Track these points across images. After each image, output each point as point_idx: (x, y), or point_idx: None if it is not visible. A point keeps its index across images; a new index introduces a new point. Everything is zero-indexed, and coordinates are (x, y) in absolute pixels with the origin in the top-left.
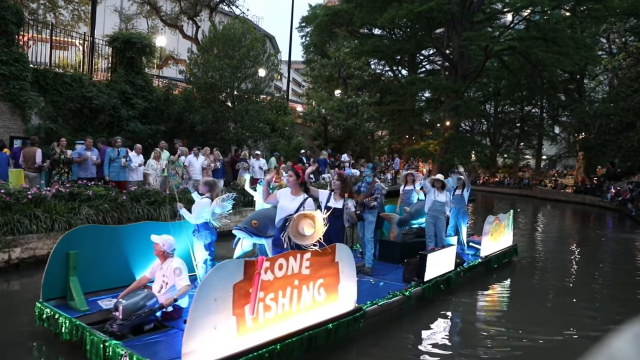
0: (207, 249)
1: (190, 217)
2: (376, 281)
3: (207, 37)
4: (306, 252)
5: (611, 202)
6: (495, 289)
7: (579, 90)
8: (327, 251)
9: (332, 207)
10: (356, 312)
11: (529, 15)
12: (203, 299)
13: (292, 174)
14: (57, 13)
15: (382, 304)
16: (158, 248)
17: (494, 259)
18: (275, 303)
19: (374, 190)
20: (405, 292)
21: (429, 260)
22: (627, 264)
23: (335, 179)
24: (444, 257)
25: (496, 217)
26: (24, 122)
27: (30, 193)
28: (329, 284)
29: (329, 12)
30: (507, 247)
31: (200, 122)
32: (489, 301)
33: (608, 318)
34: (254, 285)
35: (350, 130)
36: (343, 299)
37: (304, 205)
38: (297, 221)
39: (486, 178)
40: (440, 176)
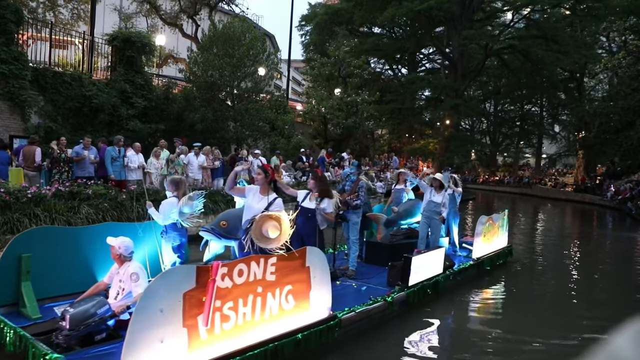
0: (176, 252)
1: (158, 218)
2: (359, 285)
3: (206, 35)
4: (271, 256)
5: (611, 200)
6: (487, 293)
7: (579, 89)
8: (296, 255)
9: (304, 207)
10: (330, 321)
11: (528, 14)
12: (145, 309)
13: (260, 172)
14: (56, 12)
15: (360, 311)
16: (114, 251)
17: (487, 261)
18: (234, 312)
19: (358, 189)
20: (387, 297)
21: (414, 263)
22: (627, 264)
23: (310, 179)
24: (432, 260)
25: (489, 217)
26: (24, 121)
27: (29, 192)
28: (298, 290)
29: (328, 11)
30: (501, 248)
31: (200, 121)
32: (480, 305)
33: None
34: (208, 294)
35: (350, 129)
36: (315, 306)
37: (272, 206)
38: (260, 223)
39: (486, 177)
40: (439, 175)
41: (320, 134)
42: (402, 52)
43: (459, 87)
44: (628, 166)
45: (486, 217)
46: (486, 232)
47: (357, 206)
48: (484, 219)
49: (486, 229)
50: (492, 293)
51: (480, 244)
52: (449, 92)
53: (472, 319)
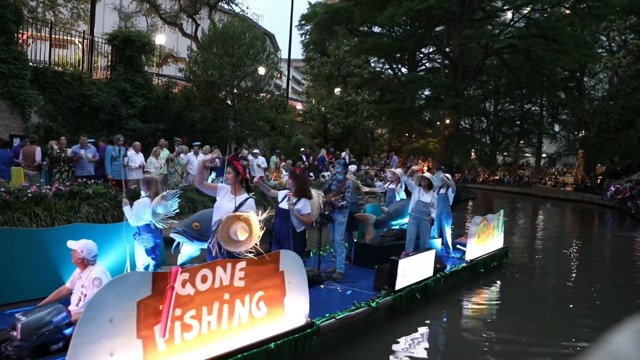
0: (150, 254)
1: (130, 218)
2: (344, 289)
3: (206, 35)
4: (240, 260)
5: (611, 200)
6: (481, 296)
7: (579, 88)
8: (268, 259)
9: (280, 209)
10: (307, 328)
11: (529, 13)
12: (92, 320)
13: (231, 170)
14: (56, 11)
15: (341, 318)
16: (76, 255)
17: (481, 263)
18: (197, 321)
19: (345, 188)
20: (372, 302)
21: (401, 267)
22: (627, 264)
23: (288, 177)
24: (421, 262)
25: (484, 217)
26: (24, 120)
27: (30, 191)
28: (271, 296)
29: (328, 10)
30: (496, 249)
31: (200, 121)
32: (473, 309)
33: (608, 321)
34: (165, 302)
35: (350, 129)
36: (290, 313)
37: (243, 206)
38: (227, 224)
39: (486, 176)
40: (428, 174)
41: (320, 134)
42: (402, 52)
43: (459, 87)
44: (628, 165)
45: (480, 218)
46: (480, 233)
47: (343, 207)
48: (477, 219)
49: (480, 229)
50: (487, 296)
51: (474, 246)
52: (449, 91)
53: (464, 324)
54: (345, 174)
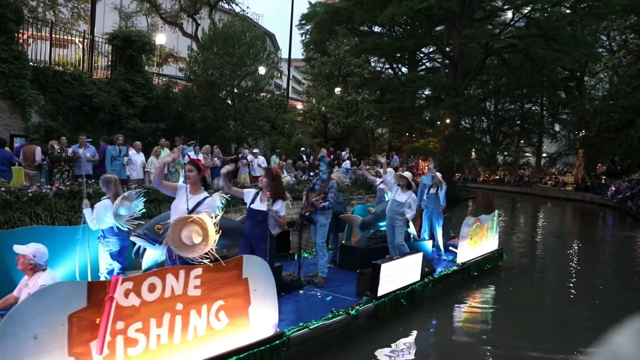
0: (115, 259)
1: (90, 221)
2: (324, 295)
3: (207, 34)
4: (195, 267)
5: (611, 199)
6: (473, 301)
7: (579, 88)
8: (229, 265)
9: (253, 210)
10: (276, 340)
11: (529, 13)
12: (13, 337)
13: (192, 168)
14: (56, 11)
15: (315, 327)
16: (25, 261)
17: (474, 266)
18: (144, 335)
19: (328, 189)
20: (351, 310)
21: (384, 271)
22: (628, 264)
23: (262, 176)
24: (407, 266)
25: (477, 218)
26: (24, 120)
27: (30, 191)
28: (233, 306)
29: (328, 10)
30: (490, 251)
31: (200, 120)
32: (464, 315)
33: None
34: (103, 314)
35: (351, 128)
36: (256, 323)
37: (201, 206)
38: (179, 227)
39: (486, 176)
40: (407, 174)
41: (320, 133)
42: (402, 51)
43: (459, 86)
44: (628, 165)
45: (472, 219)
46: (473, 235)
47: (325, 207)
48: (470, 220)
49: (473, 231)
50: (480, 301)
51: (466, 248)
52: (449, 91)
53: (455, 331)
54: (329, 173)
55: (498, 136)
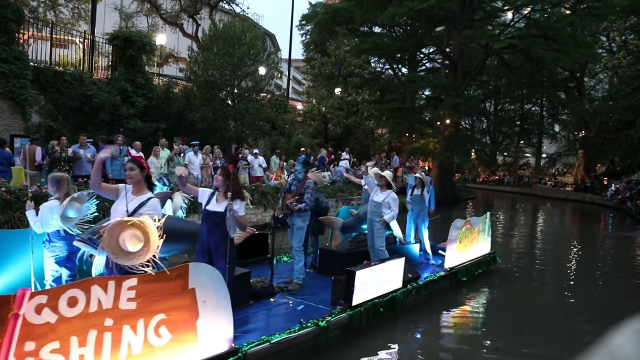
0: (62, 265)
1: (34, 224)
2: (297, 303)
3: (207, 35)
4: (128, 278)
5: (611, 200)
6: (462, 308)
7: (579, 88)
8: (171, 275)
9: (210, 211)
10: (230, 356)
11: (529, 14)
12: None
13: (133, 166)
14: (57, 11)
15: (277, 341)
16: None
17: (463, 271)
18: (63, 356)
19: (304, 189)
20: (321, 321)
21: (359, 278)
22: (627, 265)
23: (217, 174)
24: (386, 273)
25: (467, 220)
26: (24, 120)
27: (30, 191)
28: (177, 320)
29: (329, 10)
30: (482, 255)
31: (201, 120)
32: (451, 324)
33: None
34: (6, 334)
35: (351, 128)
36: (206, 339)
37: (144, 208)
38: (116, 231)
39: (486, 176)
40: (387, 173)
41: (320, 134)
42: (402, 52)
43: (459, 87)
44: (628, 166)
45: (462, 221)
46: (462, 238)
47: (301, 209)
48: (459, 222)
49: (462, 234)
50: (469, 307)
51: (455, 252)
52: (449, 91)
53: (441, 340)
54: (305, 173)
55: (498, 136)
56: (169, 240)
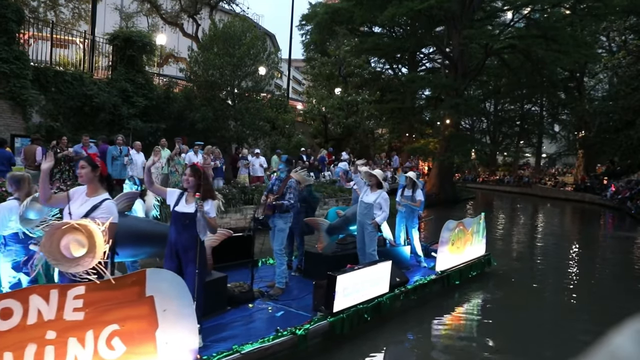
0: (20, 270)
1: None
2: (276, 309)
3: (207, 35)
4: (75, 286)
5: (611, 200)
6: (454, 313)
7: (579, 89)
8: (125, 282)
9: (179, 212)
10: None
11: (529, 14)
12: None
13: (84, 164)
14: (57, 11)
15: (250, 351)
16: None
17: (456, 274)
18: None
19: (286, 189)
20: (298, 329)
21: (340, 283)
22: (627, 266)
23: (187, 174)
24: (372, 277)
25: (459, 222)
26: (25, 120)
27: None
28: (133, 331)
29: (329, 10)
30: (476, 257)
31: (201, 120)
32: (443, 330)
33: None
34: None
35: (351, 128)
36: (167, 350)
37: (97, 211)
38: (57, 235)
39: (486, 176)
40: (377, 172)
41: (320, 133)
42: (402, 52)
43: (459, 87)
44: (628, 166)
45: (454, 222)
46: (455, 240)
47: (283, 209)
48: (451, 224)
49: (455, 236)
50: (462, 312)
51: (447, 255)
52: (449, 91)
53: (432, 346)
54: (288, 172)
55: (498, 136)
56: (137, 243)
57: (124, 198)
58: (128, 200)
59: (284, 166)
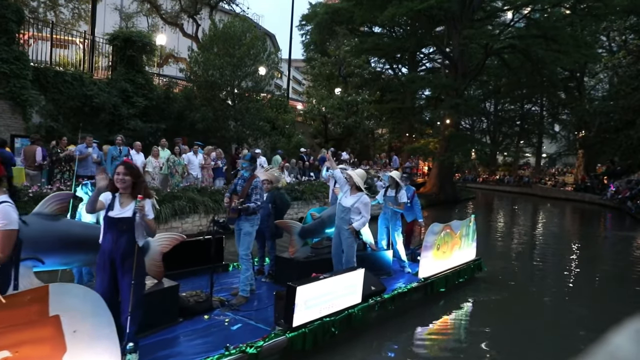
0: None
1: None
2: (234, 321)
3: (207, 35)
4: None
5: (611, 200)
6: (438, 324)
7: (579, 88)
8: (22, 300)
9: (113, 218)
10: None
11: (529, 13)
12: None
13: None
14: (57, 11)
15: None
16: None
17: (441, 281)
18: None
19: (251, 189)
20: (249, 347)
21: (301, 295)
22: (627, 266)
23: (120, 173)
24: (341, 287)
25: (446, 224)
26: (25, 120)
27: (31, 191)
28: (33, 356)
29: (329, 10)
30: (464, 263)
31: (201, 121)
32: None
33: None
34: None
35: (351, 128)
36: None
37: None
38: None
39: (486, 176)
40: (359, 172)
41: (320, 134)
42: (402, 52)
43: (459, 87)
44: (628, 165)
45: (440, 225)
46: (441, 244)
47: (249, 212)
48: (436, 227)
49: (441, 240)
50: (447, 322)
51: (431, 260)
52: (449, 91)
53: (410, 358)
54: (252, 170)
55: (498, 136)
56: (69, 250)
57: (54, 200)
58: (59, 202)
59: (248, 164)
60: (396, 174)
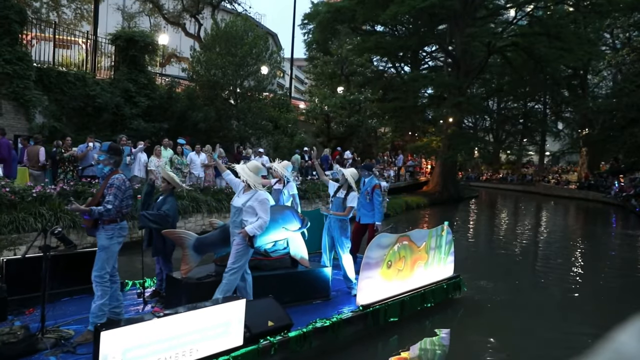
0: None
1: None
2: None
3: (209, 35)
4: None
5: (615, 197)
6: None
7: (583, 86)
8: None
9: None
10: None
11: (531, 11)
12: None
13: None
14: (60, 12)
15: None
16: None
17: (393, 308)
18: None
19: (107, 188)
20: None
21: (113, 345)
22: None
23: None
24: (203, 326)
25: (402, 235)
26: (28, 120)
27: (34, 191)
28: None
29: (331, 9)
30: (433, 282)
31: (203, 120)
32: None
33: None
34: None
35: (353, 127)
36: None
37: None
38: None
39: (489, 174)
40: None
41: (323, 133)
42: (404, 50)
43: (462, 85)
44: (632, 163)
45: (392, 237)
46: (394, 261)
47: (102, 217)
48: (385, 238)
49: (393, 255)
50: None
51: (378, 281)
52: (451, 89)
53: None
54: (114, 165)
55: (501, 135)
56: None
57: None
58: None
59: (105, 157)
60: (349, 172)
